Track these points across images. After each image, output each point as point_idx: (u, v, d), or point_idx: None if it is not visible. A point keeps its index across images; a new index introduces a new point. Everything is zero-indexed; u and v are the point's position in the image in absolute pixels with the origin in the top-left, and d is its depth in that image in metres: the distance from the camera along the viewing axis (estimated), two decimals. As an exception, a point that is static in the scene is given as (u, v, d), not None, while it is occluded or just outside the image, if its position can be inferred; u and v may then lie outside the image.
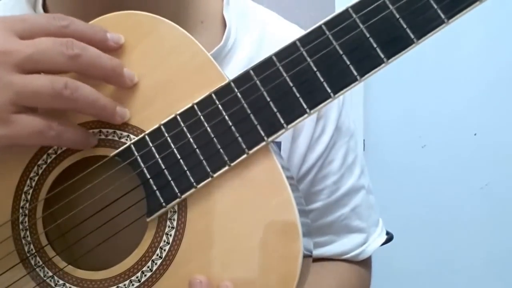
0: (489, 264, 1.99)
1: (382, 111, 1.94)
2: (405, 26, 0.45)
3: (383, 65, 0.45)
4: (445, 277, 2.02)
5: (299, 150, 0.66)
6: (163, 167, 0.48)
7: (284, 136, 0.62)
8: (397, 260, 1.80)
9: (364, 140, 1.91)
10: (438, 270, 2.03)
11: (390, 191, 1.88)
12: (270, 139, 0.47)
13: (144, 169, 0.48)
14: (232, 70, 0.62)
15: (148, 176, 0.48)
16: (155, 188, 0.48)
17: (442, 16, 0.44)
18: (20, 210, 0.50)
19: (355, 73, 0.46)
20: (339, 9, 0.46)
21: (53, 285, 0.50)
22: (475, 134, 1.92)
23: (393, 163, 1.96)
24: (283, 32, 0.68)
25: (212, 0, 0.66)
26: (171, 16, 0.59)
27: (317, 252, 0.71)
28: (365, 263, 0.76)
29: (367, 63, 0.45)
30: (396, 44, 0.45)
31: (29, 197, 0.51)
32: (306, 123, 0.66)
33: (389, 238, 0.78)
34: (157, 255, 0.48)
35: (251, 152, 0.47)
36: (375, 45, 0.45)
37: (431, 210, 1.98)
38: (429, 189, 1.97)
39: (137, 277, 0.48)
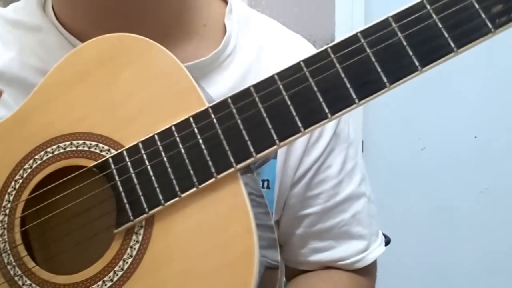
0: (488, 269, 1.95)
1: (382, 112, 1.91)
2: (379, 70, 0.46)
3: (354, 106, 0.46)
4: (443, 282, 1.97)
5: (295, 154, 0.67)
6: (136, 182, 0.50)
7: None
8: (395, 263, 1.75)
9: (363, 142, 1.89)
10: (435, 273, 1.98)
11: (388, 193, 1.84)
12: (239, 166, 0.48)
13: (118, 182, 0.50)
14: (231, 74, 0.64)
15: (121, 190, 0.50)
16: (125, 201, 0.50)
17: (416, 63, 0.45)
18: (1, 210, 0.53)
19: (326, 111, 0.46)
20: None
21: (20, 283, 0.52)
22: (475, 137, 1.88)
23: (391, 165, 1.94)
24: (284, 41, 0.70)
25: (215, 6, 0.68)
26: (174, 18, 0.62)
27: (316, 257, 0.71)
28: (367, 272, 0.74)
29: (339, 102, 0.46)
30: (369, 86, 0.46)
31: (11, 198, 0.53)
32: None
33: (386, 241, 0.76)
34: (119, 266, 0.49)
35: (219, 176, 0.48)
36: (348, 86, 0.46)
37: (430, 213, 1.95)
38: (428, 192, 1.94)
39: (98, 286, 0.50)
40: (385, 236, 0.77)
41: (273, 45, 0.68)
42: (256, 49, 0.67)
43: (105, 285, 0.49)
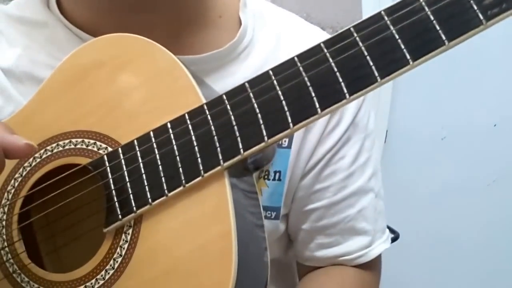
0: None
1: (409, 101, 1.83)
2: (371, 64, 0.45)
3: (344, 101, 0.45)
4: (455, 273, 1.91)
5: (308, 145, 0.66)
6: (127, 180, 0.49)
7: None
8: (410, 251, 1.72)
9: (387, 131, 1.81)
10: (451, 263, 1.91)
11: (404, 185, 1.78)
12: (226, 164, 0.47)
13: (110, 180, 0.50)
14: (249, 66, 0.65)
15: (112, 187, 0.50)
16: (115, 200, 0.50)
17: (408, 57, 0.44)
18: (1, 208, 0.54)
19: (317, 106, 0.46)
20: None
21: (19, 280, 0.52)
22: (494, 125, 1.80)
23: (412, 156, 1.85)
24: (302, 30, 0.70)
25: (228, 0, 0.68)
26: (191, 8, 0.63)
27: (322, 253, 0.71)
28: (371, 267, 0.73)
29: (330, 97, 0.45)
30: (360, 81, 0.45)
31: (10, 196, 0.54)
32: None
33: (395, 237, 0.75)
34: (110, 265, 0.49)
35: (206, 175, 0.47)
36: (340, 80, 0.45)
37: (448, 206, 1.87)
38: (446, 183, 1.86)
39: (91, 283, 0.49)
40: (394, 232, 0.75)
41: (291, 34, 0.68)
42: (274, 39, 0.67)
43: (98, 283, 0.49)
